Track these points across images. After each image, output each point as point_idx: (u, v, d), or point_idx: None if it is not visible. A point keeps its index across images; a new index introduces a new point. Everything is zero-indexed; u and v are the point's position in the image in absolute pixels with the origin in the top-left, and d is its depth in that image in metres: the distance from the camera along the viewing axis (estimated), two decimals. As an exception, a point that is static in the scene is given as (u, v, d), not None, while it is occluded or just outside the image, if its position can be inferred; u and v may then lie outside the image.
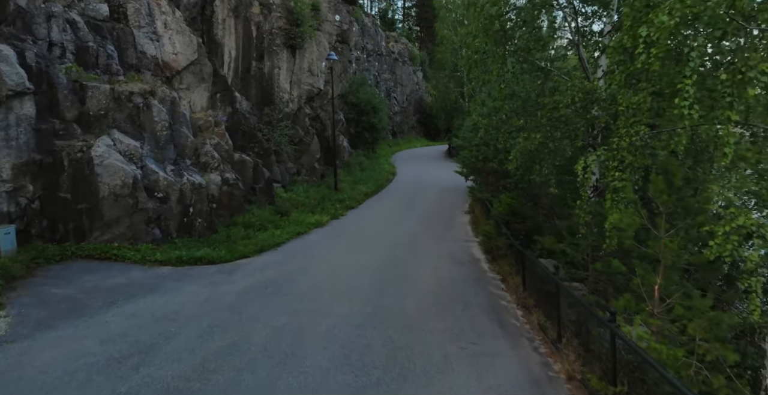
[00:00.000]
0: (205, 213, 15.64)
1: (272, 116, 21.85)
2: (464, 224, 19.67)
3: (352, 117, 37.35)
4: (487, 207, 18.23)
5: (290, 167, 23.71)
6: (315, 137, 25.59)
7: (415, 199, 24.43)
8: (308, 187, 23.27)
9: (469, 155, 19.66)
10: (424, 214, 21.03)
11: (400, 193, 26.19)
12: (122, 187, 13.83)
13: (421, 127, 66.58)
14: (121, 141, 14.43)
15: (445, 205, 23.19)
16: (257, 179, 19.70)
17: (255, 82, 22.54)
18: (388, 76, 60.60)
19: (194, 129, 17.28)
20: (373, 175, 29.95)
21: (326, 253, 14.82)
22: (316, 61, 25.10)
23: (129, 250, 13.61)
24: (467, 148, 21.29)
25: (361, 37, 52.26)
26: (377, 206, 22.73)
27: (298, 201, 20.89)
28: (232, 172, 17.52)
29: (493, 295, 11.84)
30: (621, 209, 7.16)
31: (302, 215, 19.15)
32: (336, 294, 11.37)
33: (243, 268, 13.17)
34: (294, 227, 17.28)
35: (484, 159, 16.48)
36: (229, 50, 21.41)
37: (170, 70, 17.44)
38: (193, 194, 15.36)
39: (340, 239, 16.60)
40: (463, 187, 27.02)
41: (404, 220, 19.75)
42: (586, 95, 9.26)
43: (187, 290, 11.42)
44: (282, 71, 23.40)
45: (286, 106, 23.22)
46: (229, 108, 19.19)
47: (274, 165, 21.37)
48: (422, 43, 76.16)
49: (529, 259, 11.54)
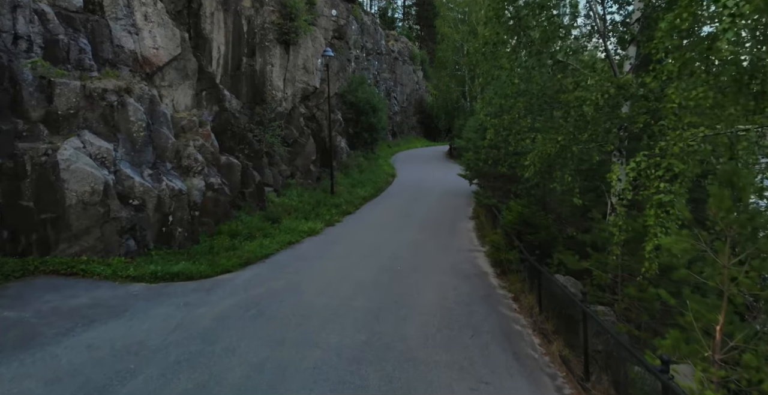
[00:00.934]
0: (186, 222, 14.19)
1: (264, 115, 20.39)
2: (468, 231, 18.21)
3: (351, 117, 35.95)
4: (494, 214, 16.78)
5: (284, 169, 22.25)
6: (310, 138, 24.13)
7: (415, 203, 22.98)
8: (302, 191, 21.81)
9: (473, 158, 18.21)
10: (426, 220, 19.57)
11: (400, 196, 24.74)
12: (91, 194, 12.37)
13: (421, 127, 65.12)
14: (92, 143, 12.97)
15: (447, 210, 21.73)
16: (246, 183, 18.25)
17: (246, 80, 21.08)
18: (388, 76, 59.18)
19: (176, 130, 15.83)
20: (371, 177, 28.50)
21: (318, 266, 13.36)
22: (312, 57, 23.63)
23: (99, 264, 12.16)
24: (471, 150, 19.84)
25: (360, 35, 50.85)
26: (376, 211, 21.27)
27: (291, 206, 19.43)
28: (217, 176, 16.07)
29: (505, 317, 10.38)
30: (673, 231, 5.73)
31: (295, 221, 17.69)
32: (327, 318, 9.91)
33: (224, 285, 11.71)
34: (285, 236, 15.83)
35: (492, 162, 15.00)
36: (218, 46, 19.94)
37: (150, 66, 15.97)
38: (172, 201, 13.90)
39: (334, 249, 15.14)
40: (466, 190, 25.58)
41: (404, 227, 18.29)
42: (618, 91, 7.82)
43: (158, 313, 9.96)
44: (275, 68, 21.94)
45: (279, 105, 21.77)
46: (216, 107, 17.74)
47: (265, 168, 19.91)
48: (422, 42, 74.69)
49: (546, 277, 10.09)
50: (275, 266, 13.31)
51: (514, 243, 12.67)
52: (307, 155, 23.75)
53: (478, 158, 17.25)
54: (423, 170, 34.70)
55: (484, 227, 18.06)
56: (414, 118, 64.52)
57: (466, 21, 42.20)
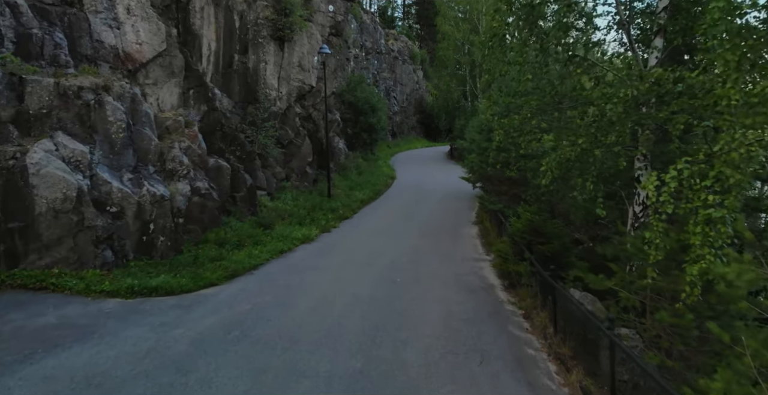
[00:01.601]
0: (169, 230, 13.12)
1: (257, 115, 19.33)
2: (472, 237, 17.14)
3: (349, 117, 34.94)
4: (500, 220, 15.72)
5: (278, 171, 21.18)
6: (306, 139, 23.07)
7: (416, 207, 21.90)
8: (298, 194, 20.74)
9: (477, 160, 17.14)
10: (427, 225, 18.50)
11: (400, 200, 23.66)
12: (64, 201, 11.31)
13: (421, 127, 64.06)
14: (65, 145, 11.91)
15: (449, 214, 20.66)
16: (237, 186, 17.18)
17: (238, 78, 20.02)
18: (388, 75, 58.18)
19: (161, 130, 14.76)
20: (370, 179, 27.44)
21: (311, 278, 12.28)
22: (307, 55, 22.57)
23: (71, 278, 11.10)
24: (475, 151, 18.76)
25: (359, 34, 49.83)
26: (374, 215, 20.20)
27: (285, 211, 18.37)
28: (205, 180, 15.00)
29: (516, 339, 9.31)
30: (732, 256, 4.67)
31: (288, 227, 16.62)
32: (317, 340, 8.85)
33: (206, 301, 10.63)
34: (277, 244, 14.76)
35: (501, 165, 13.89)
36: (208, 42, 18.88)
37: (133, 63, 14.91)
38: (154, 208, 12.84)
39: (329, 258, 14.07)
40: (468, 192, 24.52)
41: (404, 233, 17.22)
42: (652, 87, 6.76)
43: (130, 335, 8.89)
44: (269, 66, 20.88)
45: (273, 104, 20.70)
46: (205, 106, 16.67)
47: (258, 170, 18.84)
48: (422, 41, 73.56)
49: (562, 294, 9.04)
50: (264, 278, 12.23)
51: (525, 254, 11.60)
52: (302, 157, 22.69)
53: (482, 160, 16.18)
54: (423, 172, 33.64)
55: (489, 233, 17.00)
56: (414, 118, 63.46)
57: (467, 19, 41.12)
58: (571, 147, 8.15)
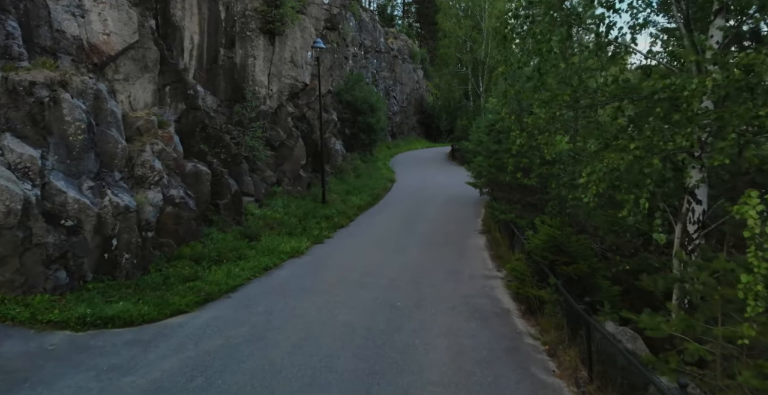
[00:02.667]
0: (136, 246, 11.38)
1: (244, 114, 17.59)
2: (480, 249, 15.39)
3: (347, 117, 33.27)
4: (512, 231, 13.98)
5: (268, 175, 19.44)
6: (299, 140, 21.32)
7: (417, 213, 20.15)
8: (289, 200, 18.99)
9: (486, 164, 15.39)
10: (429, 235, 16.75)
11: (400, 205, 21.91)
12: (7, 215, 9.57)
13: (421, 127, 62.37)
14: (12, 150, 10.17)
15: (453, 221, 18.92)
16: (220, 193, 15.44)
17: (224, 75, 18.27)
18: (387, 75, 56.52)
19: (131, 132, 13.03)
20: (368, 182, 25.70)
21: (297, 303, 10.53)
22: (300, 50, 20.83)
23: (15, 305, 9.36)
24: (482, 154, 17.00)
25: (358, 32, 48.19)
26: (372, 223, 18.44)
27: (275, 220, 16.62)
28: (180, 187, 13.26)
29: (543, 386, 7.56)
30: None
31: (277, 239, 14.88)
32: (299, 391, 7.12)
33: (171, 335, 8.89)
34: (261, 259, 13.03)
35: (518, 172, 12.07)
36: (191, 35, 17.14)
37: (100, 56, 13.15)
38: (117, 221, 11.09)
39: (319, 276, 12.32)
40: (472, 196, 22.80)
41: (405, 244, 15.48)
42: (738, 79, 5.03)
43: (67, 385, 7.15)
44: (258, 61, 19.14)
45: (262, 103, 18.97)
46: (183, 104, 14.92)
47: (245, 175, 17.10)
48: (423, 40, 71.80)
49: (599, 333, 7.31)
50: (242, 303, 10.47)
51: (547, 277, 9.85)
52: (295, 160, 20.94)
53: (492, 164, 14.45)
54: (424, 174, 31.90)
55: (499, 244, 15.26)
56: (414, 118, 61.77)
57: (469, 15, 39.38)
58: (620, 154, 6.42)
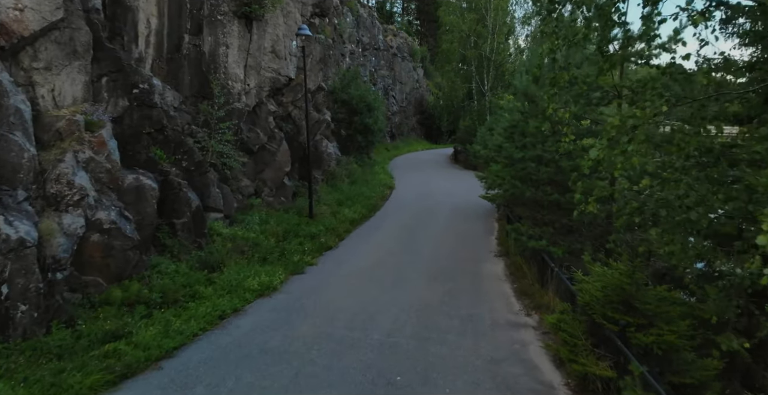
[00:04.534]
0: (36, 293, 8.12)
1: (212, 113, 14.36)
2: (498, 280, 12.16)
3: (343, 117, 30.20)
4: (543, 260, 10.76)
5: (245, 185, 16.22)
6: (283, 143, 18.10)
7: (419, 229, 16.91)
8: (269, 215, 15.76)
9: (506, 175, 12.17)
10: (435, 259, 13.52)
11: (399, 218, 18.65)
12: None
13: (422, 128, 59.28)
14: None
15: (462, 240, 15.69)
16: (177, 210, 12.24)
17: (189, 66, 15.05)
18: (386, 73, 53.47)
19: (49, 136, 9.83)
20: (364, 190, 22.47)
21: (253, 379, 7.28)
22: (283, 38, 17.60)
23: None
24: (499, 161, 13.77)
25: (355, 29, 45.11)
26: (366, 243, 15.19)
27: (247, 241, 13.40)
28: (114, 208, 10.03)
29: None
30: None
31: (245, 269, 11.67)
32: None
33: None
34: (218, 302, 9.81)
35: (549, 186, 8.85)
36: (147, 18, 13.93)
37: (9, 37, 9.92)
38: (8, 260, 7.87)
39: (291, 330, 9.07)
40: (482, 205, 19.59)
41: (405, 274, 12.24)
42: None
43: None
44: (231, 51, 15.90)
45: (236, 99, 15.74)
46: (125, 100, 11.67)
47: (211, 186, 13.87)
48: (423, 38, 68.56)
49: None
50: (176, 380, 7.23)
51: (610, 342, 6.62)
52: (278, 166, 17.71)
53: (515, 175, 11.23)
54: (426, 179, 28.68)
55: (523, 274, 12.04)
56: (414, 118, 58.70)
57: (473, 8, 36.13)
58: None
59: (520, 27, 37.74)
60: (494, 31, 35.16)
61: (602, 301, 6.99)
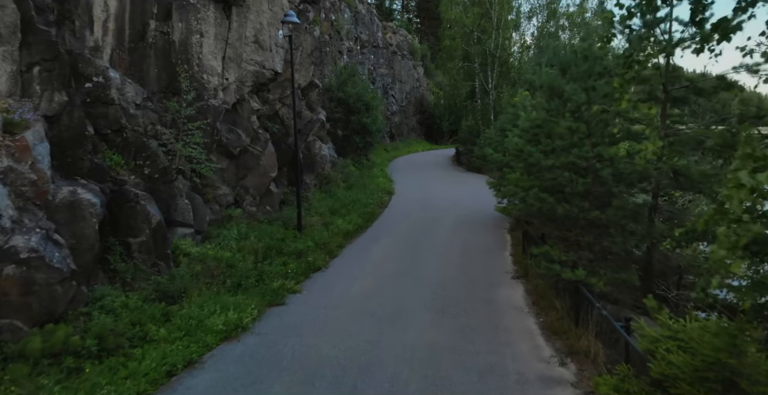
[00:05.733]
0: None
1: (180, 111, 12.18)
2: (519, 312, 9.95)
3: (339, 116, 28.16)
4: (577, 289, 8.58)
5: (222, 194, 14.06)
6: (269, 145, 15.93)
7: (421, 244, 14.74)
8: (250, 228, 13.59)
9: (525, 183, 9.98)
10: (443, 284, 11.32)
11: (399, 230, 16.47)
12: None
13: (422, 128, 57.22)
14: None
15: (471, 257, 13.52)
16: (132, 228, 10.09)
17: (156, 57, 12.89)
18: (386, 72, 51.42)
19: (-46, 138, 7.66)
20: (361, 196, 20.31)
21: None
22: (268, 27, 15.41)
23: None
24: (519, 168, 11.58)
25: (354, 25, 43.06)
26: (360, 264, 12.99)
27: (220, 262, 11.22)
28: (38, 231, 7.85)
29: None
30: None
31: (212, 300, 9.48)
32: None
33: None
34: (169, 351, 7.63)
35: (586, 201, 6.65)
36: (105, 0, 11.78)
37: None
38: None
39: (259, 393, 6.89)
40: (491, 213, 17.50)
41: (406, 307, 10.02)
42: None
43: None
44: (207, 40, 13.74)
45: (212, 95, 13.57)
46: (62, 95, 9.46)
47: (178, 197, 11.69)
48: (423, 36, 66.38)
49: None
50: None
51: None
52: (263, 171, 15.54)
53: (543, 186, 9.02)
54: (428, 183, 26.52)
55: (549, 304, 9.86)
56: (414, 118, 56.64)
57: (477, 2, 33.93)
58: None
59: (527, 22, 35.52)
60: (499, 26, 32.98)
61: (689, 374, 4.84)
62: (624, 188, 8.70)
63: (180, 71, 12.44)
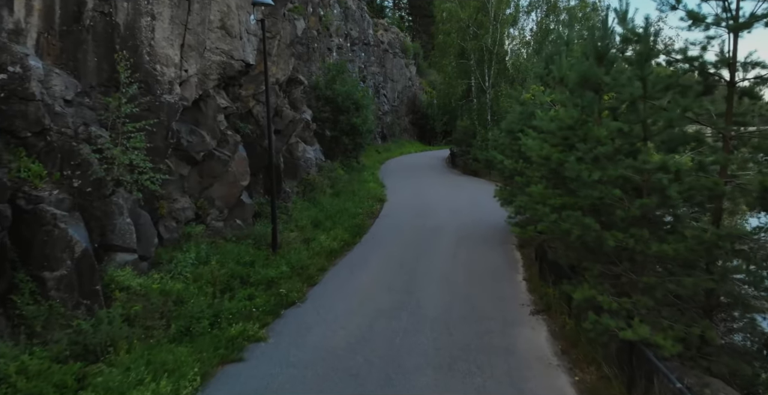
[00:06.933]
0: None
1: (119, 109, 9.74)
2: (547, 364, 7.64)
3: (327, 116, 25.83)
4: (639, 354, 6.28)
5: (180, 207, 11.66)
6: (240, 148, 13.53)
7: (419, 267, 12.36)
8: (213, 250, 11.18)
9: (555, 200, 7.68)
10: (446, 326, 8.94)
11: (392, 249, 14.08)
12: None
13: (415, 129, 54.99)
14: None
15: (479, 283, 11.20)
16: (48, 258, 7.73)
17: (95, 43, 10.47)
18: (377, 70, 49.15)
19: None
20: (348, 205, 17.97)
21: None
22: (237, 11, 12.98)
23: None
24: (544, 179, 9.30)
25: (343, 21, 40.75)
26: (345, 296, 10.57)
27: (167, 298, 8.82)
28: None
29: None
30: None
31: (141, 359, 7.07)
32: None
33: None
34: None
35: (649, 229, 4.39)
36: (26, -30, 9.37)
37: None
38: None
39: None
40: (495, 223, 15.28)
41: (402, 364, 7.66)
42: None
43: None
44: (161, 24, 11.30)
45: (166, 90, 11.14)
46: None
47: (117, 215, 9.27)
48: (415, 33, 64.06)
49: None
50: None
51: None
52: (232, 178, 13.14)
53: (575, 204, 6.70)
54: (422, 188, 24.23)
55: (586, 354, 7.57)
56: (406, 118, 54.40)
57: (473, -5, 31.61)
58: None
59: (525, 17, 33.26)
60: (497, 20, 30.70)
61: None
62: (690, 211, 6.47)
63: (118, 58, 9.99)
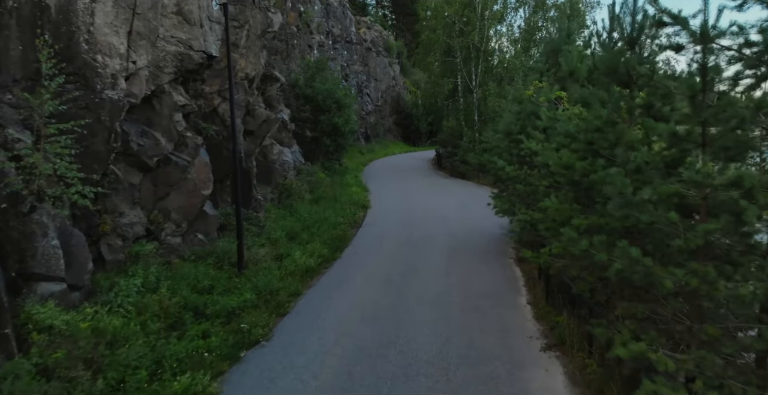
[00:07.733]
0: None
1: (43, 107, 7.94)
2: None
3: (307, 116, 24.15)
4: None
5: (128, 222, 9.86)
6: (201, 152, 11.77)
7: (406, 290, 10.69)
8: (165, 272, 9.43)
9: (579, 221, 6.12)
10: (443, 376, 7.29)
11: (375, 266, 12.40)
12: None
13: (399, 129, 53.44)
14: None
15: (477, 310, 9.60)
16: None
17: (19, 28, 8.64)
18: (360, 69, 47.47)
19: None
20: (329, 214, 16.27)
21: None
22: (197, -6, 11.21)
23: None
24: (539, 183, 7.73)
25: (324, 18, 39.00)
26: (318, 329, 8.86)
27: (98, 337, 7.07)
28: None
29: None
30: None
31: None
32: None
33: None
34: None
35: None
36: (-75, -65, 7.52)
37: None
38: None
39: None
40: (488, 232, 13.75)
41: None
42: None
43: None
44: (102, 6, 9.50)
45: (108, 85, 9.34)
46: None
47: (39, 237, 7.49)
48: (399, 32, 62.49)
49: None
50: None
51: None
52: (192, 187, 11.36)
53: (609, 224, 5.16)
54: (408, 193, 22.62)
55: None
56: (390, 119, 52.81)
57: (460, -9, 30.08)
58: None
59: (513, 13, 31.90)
60: (484, 17, 29.25)
61: None
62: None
63: (40, 44, 8.17)
